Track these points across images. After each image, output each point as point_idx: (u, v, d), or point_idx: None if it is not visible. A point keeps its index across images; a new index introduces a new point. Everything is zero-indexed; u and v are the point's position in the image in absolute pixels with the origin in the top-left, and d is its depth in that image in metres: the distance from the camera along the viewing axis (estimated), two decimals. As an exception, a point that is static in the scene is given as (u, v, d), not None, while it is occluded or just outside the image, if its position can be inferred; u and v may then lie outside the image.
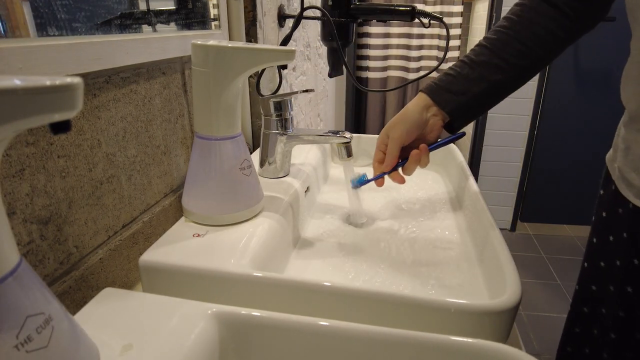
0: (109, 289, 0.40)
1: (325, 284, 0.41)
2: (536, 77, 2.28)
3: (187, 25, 0.59)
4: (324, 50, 1.44)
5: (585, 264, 0.72)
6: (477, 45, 0.59)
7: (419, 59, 2.40)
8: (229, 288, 0.43)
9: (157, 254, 0.45)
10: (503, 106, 2.32)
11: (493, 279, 0.50)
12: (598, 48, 2.20)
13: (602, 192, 0.69)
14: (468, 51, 0.60)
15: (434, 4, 2.30)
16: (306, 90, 0.71)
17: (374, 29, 2.37)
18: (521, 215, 2.62)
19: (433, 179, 0.90)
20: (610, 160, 0.66)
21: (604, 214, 0.67)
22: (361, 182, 0.64)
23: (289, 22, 0.94)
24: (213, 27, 0.67)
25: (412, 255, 0.60)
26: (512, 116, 2.38)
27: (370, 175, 0.63)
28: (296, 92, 0.70)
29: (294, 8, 0.99)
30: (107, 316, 0.37)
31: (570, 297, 1.97)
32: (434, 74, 2.42)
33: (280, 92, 0.84)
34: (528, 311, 1.90)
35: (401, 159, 0.60)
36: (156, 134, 0.53)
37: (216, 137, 0.51)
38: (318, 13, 0.79)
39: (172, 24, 0.56)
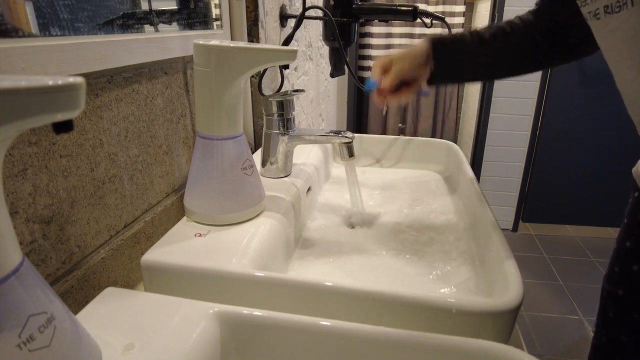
0: (111, 288, 0.40)
1: (327, 283, 0.41)
2: (538, 77, 2.27)
3: (189, 25, 0.59)
4: (325, 50, 1.44)
5: (616, 268, 0.68)
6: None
7: (421, 58, 2.39)
8: (231, 288, 0.43)
9: (159, 254, 0.45)
10: (505, 106, 2.34)
11: (495, 279, 0.50)
12: (601, 48, 2.19)
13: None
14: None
15: (436, 3, 2.30)
16: (296, 91, 0.70)
17: (376, 28, 2.37)
18: (523, 215, 2.61)
19: (434, 179, 0.90)
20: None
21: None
22: (369, 87, 0.64)
23: (291, 22, 0.94)
24: (215, 27, 0.67)
25: (414, 255, 0.59)
26: (514, 116, 2.38)
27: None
28: (287, 91, 0.70)
29: (295, 8, 0.99)
30: (109, 315, 0.37)
31: (571, 297, 1.97)
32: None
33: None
34: (530, 312, 1.89)
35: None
36: (158, 133, 0.53)
37: (218, 136, 0.51)
38: (320, 13, 0.79)
39: (174, 24, 0.56)
